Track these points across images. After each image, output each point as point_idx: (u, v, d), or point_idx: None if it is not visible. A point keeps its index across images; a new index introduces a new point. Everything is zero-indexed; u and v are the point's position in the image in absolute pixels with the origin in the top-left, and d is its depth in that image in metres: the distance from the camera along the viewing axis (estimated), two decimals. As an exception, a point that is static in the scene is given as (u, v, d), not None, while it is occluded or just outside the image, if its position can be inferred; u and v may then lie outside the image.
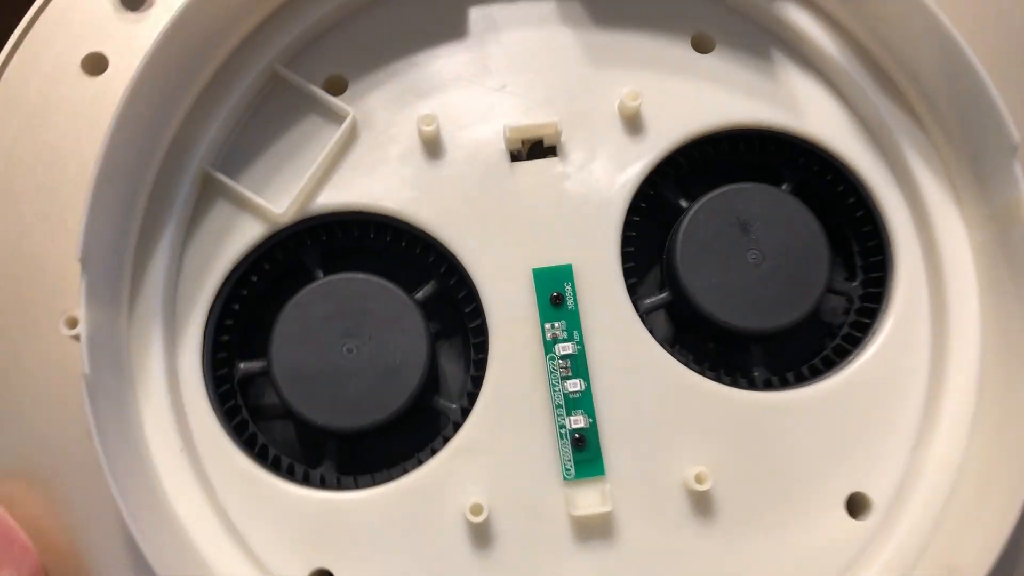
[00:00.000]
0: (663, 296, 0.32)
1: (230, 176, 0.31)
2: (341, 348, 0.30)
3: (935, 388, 0.30)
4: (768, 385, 0.31)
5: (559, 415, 0.29)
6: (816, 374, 0.31)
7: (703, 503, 0.29)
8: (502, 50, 0.33)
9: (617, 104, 0.32)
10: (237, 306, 0.31)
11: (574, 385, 0.30)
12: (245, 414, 0.31)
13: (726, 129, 0.32)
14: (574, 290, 0.31)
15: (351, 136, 0.32)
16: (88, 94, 0.31)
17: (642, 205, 0.32)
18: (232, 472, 0.29)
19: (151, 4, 0.32)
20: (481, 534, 0.28)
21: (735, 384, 0.31)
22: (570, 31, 0.33)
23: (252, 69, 0.32)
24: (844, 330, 0.32)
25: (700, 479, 0.29)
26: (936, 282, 0.31)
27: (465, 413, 0.30)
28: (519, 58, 0.33)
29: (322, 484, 0.30)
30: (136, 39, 0.31)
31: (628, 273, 0.31)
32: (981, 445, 0.29)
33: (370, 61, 0.32)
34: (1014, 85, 0.31)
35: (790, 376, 0.32)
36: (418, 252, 0.32)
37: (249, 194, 0.31)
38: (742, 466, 0.29)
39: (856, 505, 0.30)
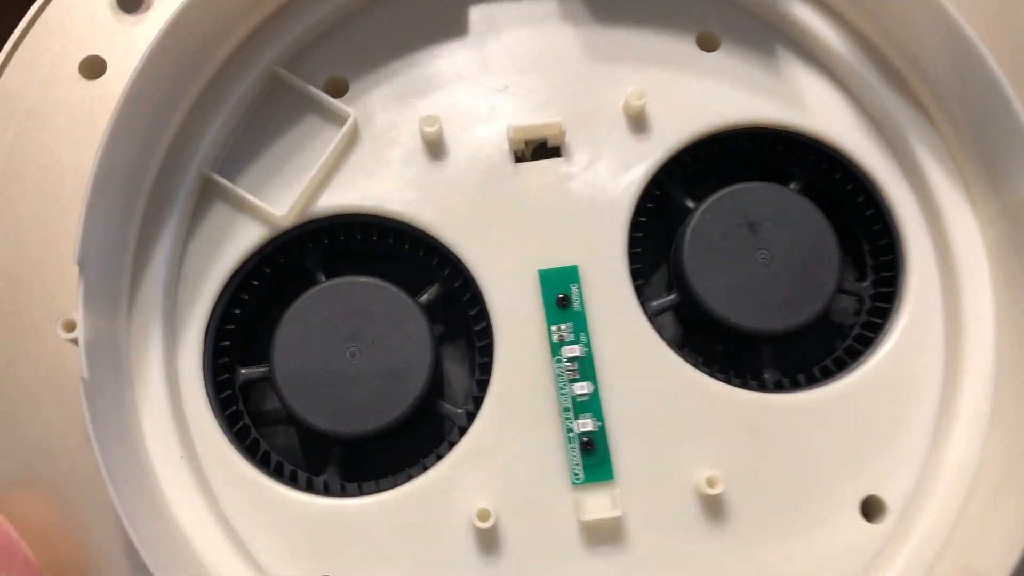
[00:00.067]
0: (671, 298, 0.32)
1: (230, 179, 0.30)
2: (344, 352, 0.30)
3: (950, 388, 0.29)
4: (779, 387, 0.31)
5: (567, 418, 0.29)
6: (828, 375, 0.31)
7: (715, 507, 0.28)
8: (504, 50, 0.32)
9: (622, 103, 0.32)
10: (238, 311, 0.31)
11: (581, 388, 0.29)
12: (246, 420, 0.30)
13: (733, 128, 0.32)
14: (580, 292, 0.30)
15: (352, 138, 0.31)
16: (86, 98, 0.31)
17: (648, 205, 0.32)
18: (234, 479, 0.29)
19: (149, 6, 0.32)
20: (488, 540, 0.28)
21: (745, 386, 0.30)
22: (572, 30, 0.32)
23: (251, 71, 0.31)
24: (855, 331, 0.32)
25: (712, 482, 0.28)
26: (949, 280, 0.30)
27: (470, 417, 0.30)
28: (522, 58, 0.32)
29: (326, 491, 0.29)
30: (134, 42, 0.31)
31: (635, 274, 0.31)
32: (998, 445, 0.28)
33: (371, 62, 0.32)
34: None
35: (801, 378, 0.31)
36: (421, 255, 0.31)
37: (249, 197, 0.30)
38: (754, 469, 0.29)
39: (871, 508, 0.29)
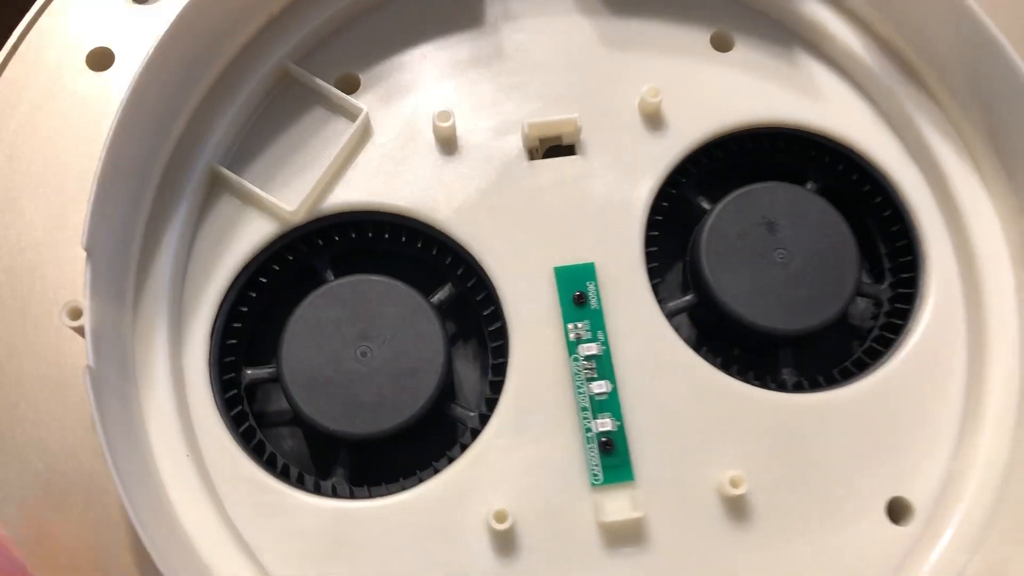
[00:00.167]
0: (688, 299, 0.31)
1: (240, 174, 0.30)
2: (355, 352, 0.29)
3: (974, 387, 0.29)
4: (799, 387, 0.30)
5: (585, 418, 0.28)
6: (848, 376, 0.30)
7: (738, 508, 0.27)
8: (519, 47, 0.32)
9: (637, 101, 0.31)
10: (245, 309, 0.30)
11: (599, 387, 0.28)
12: (252, 421, 0.29)
13: (748, 127, 0.32)
14: (597, 289, 0.29)
15: (365, 133, 0.31)
16: (93, 90, 0.30)
17: (664, 204, 0.31)
18: (240, 480, 0.27)
19: (160, -3, 0.31)
20: (506, 542, 0.27)
21: (765, 387, 0.29)
22: (588, 27, 0.32)
23: (263, 66, 0.31)
24: (875, 332, 0.31)
25: (735, 483, 0.27)
26: (970, 279, 0.30)
27: (484, 419, 0.29)
28: (537, 55, 0.32)
29: (334, 494, 0.28)
30: (144, 33, 0.31)
31: (650, 274, 0.30)
32: (1028, 444, 0.27)
33: (383, 58, 0.32)
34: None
35: (822, 379, 0.30)
36: (434, 254, 0.31)
37: (260, 192, 0.30)
38: (777, 470, 0.28)
39: (897, 510, 0.28)
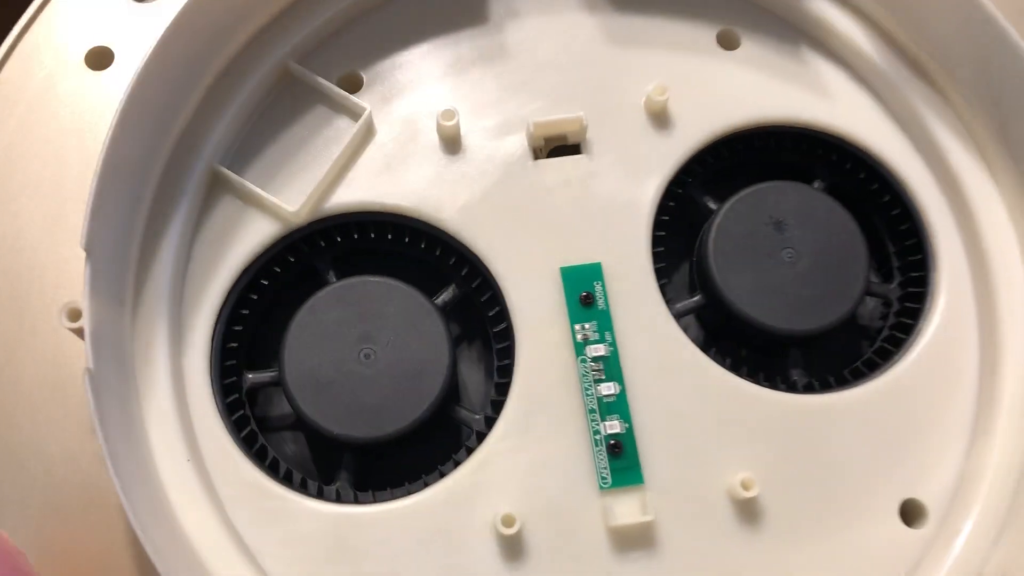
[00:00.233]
0: (695, 300, 0.31)
1: (241, 174, 0.29)
2: (358, 354, 0.28)
3: (987, 386, 0.28)
4: (809, 388, 0.29)
5: (593, 420, 0.28)
6: (859, 377, 0.30)
7: (749, 511, 0.27)
8: (523, 45, 0.32)
9: (643, 100, 0.31)
10: (246, 311, 0.30)
11: (608, 388, 0.28)
12: (254, 425, 0.29)
13: (756, 125, 0.31)
14: (604, 289, 0.29)
15: (368, 133, 0.30)
16: (91, 90, 0.30)
17: (670, 204, 0.31)
18: (242, 485, 0.27)
19: (160, -5, 0.31)
20: (513, 546, 0.26)
21: (775, 388, 0.29)
22: (592, 25, 0.32)
23: (264, 65, 0.30)
24: (885, 332, 0.31)
25: (747, 485, 0.27)
26: (981, 277, 0.29)
27: (489, 422, 0.28)
28: (541, 53, 0.32)
29: (337, 499, 0.28)
30: (143, 32, 0.30)
31: (658, 274, 0.30)
32: (1043, 444, 0.27)
33: (386, 57, 0.31)
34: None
35: (832, 380, 0.30)
36: (438, 254, 0.30)
37: (261, 192, 0.29)
38: (788, 472, 0.27)
39: (910, 513, 0.28)
